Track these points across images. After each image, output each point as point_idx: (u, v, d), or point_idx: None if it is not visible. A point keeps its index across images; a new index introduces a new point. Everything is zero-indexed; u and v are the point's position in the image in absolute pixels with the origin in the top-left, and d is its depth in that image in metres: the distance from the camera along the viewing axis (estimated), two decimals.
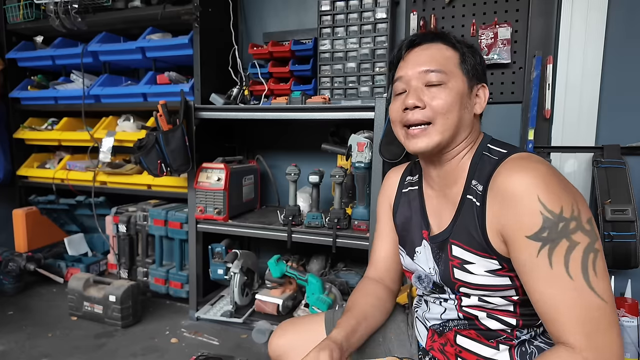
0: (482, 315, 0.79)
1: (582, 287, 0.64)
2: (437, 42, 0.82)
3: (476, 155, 0.81)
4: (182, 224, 2.06)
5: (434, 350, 0.87)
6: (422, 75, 0.80)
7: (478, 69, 0.83)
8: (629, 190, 1.58)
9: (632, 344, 1.50)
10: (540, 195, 0.67)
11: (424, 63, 0.80)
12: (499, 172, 0.74)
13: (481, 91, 0.84)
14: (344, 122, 1.87)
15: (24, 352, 1.70)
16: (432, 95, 0.79)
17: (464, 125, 0.81)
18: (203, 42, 1.95)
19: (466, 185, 0.80)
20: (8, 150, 2.48)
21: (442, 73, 0.79)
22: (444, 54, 0.81)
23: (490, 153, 0.80)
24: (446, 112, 0.78)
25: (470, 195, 0.78)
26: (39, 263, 2.28)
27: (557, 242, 0.66)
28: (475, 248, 0.76)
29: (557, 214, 0.66)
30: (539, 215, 0.67)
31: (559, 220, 0.66)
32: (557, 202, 0.67)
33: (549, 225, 0.66)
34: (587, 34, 1.70)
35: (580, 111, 1.73)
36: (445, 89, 0.78)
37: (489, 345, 0.79)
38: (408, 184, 0.97)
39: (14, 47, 2.44)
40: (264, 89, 2.00)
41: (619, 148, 1.65)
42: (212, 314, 1.96)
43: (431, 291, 0.88)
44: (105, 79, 2.26)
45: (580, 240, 0.65)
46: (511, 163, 0.74)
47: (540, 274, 0.67)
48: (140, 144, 1.80)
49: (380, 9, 1.85)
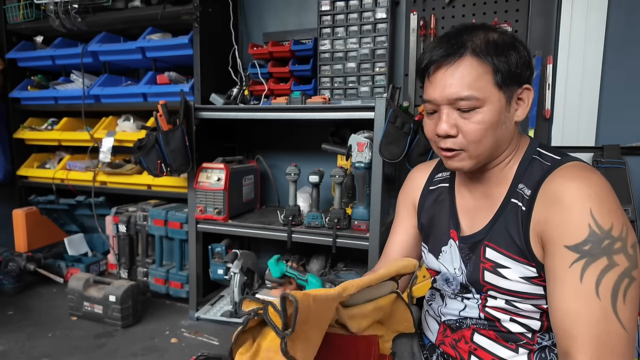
0: (504, 318, 0.77)
1: (606, 310, 0.62)
2: (464, 55, 0.72)
3: (524, 159, 0.78)
4: (182, 224, 2.06)
5: (445, 345, 0.86)
6: (452, 102, 0.73)
7: (517, 72, 0.73)
8: (628, 190, 1.58)
9: None
10: (593, 208, 0.65)
11: (453, 88, 0.72)
12: (553, 178, 0.71)
13: (525, 94, 0.76)
14: (344, 122, 1.88)
15: (24, 352, 1.70)
16: (466, 121, 0.73)
17: (502, 142, 0.76)
18: (203, 42, 1.95)
19: (511, 188, 0.78)
20: (8, 150, 2.48)
21: (474, 100, 0.71)
22: (474, 73, 0.71)
23: (542, 158, 0.77)
24: (480, 139, 0.73)
25: (515, 199, 0.76)
26: (39, 263, 2.28)
27: (595, 258, 0.64)
28: (514, 253, 0.74)
29: (605, 230, 0.64)
30: (586, 228, 0.65)
31: (605, 237, 0.64)
32: (608, 218, 0.65)
33: (593, 239, 0.64)
34: (587, 34, 1.70)
35: (580, 111, 1.73)
36: (479, 113, 0.72)
37: (507, 347, 0.78)
38: (438, 181, 0.94)
39: (14, 47, 2.44)
40: (264, 89, 2.00)
41: (619, 148, 1.65)
42: (212, 314, 1.96)
43: (457, 293, 0.85)
44: (105, 79, 2.26)
45: (620, 262, 0.63)
46: (566, 171, 0.71)
47: (568, 285, 0.65)
48: (140, 144, 1.80)
49: (380, 9, 1.85)
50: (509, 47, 0.73)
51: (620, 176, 1.61)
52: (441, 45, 0.74)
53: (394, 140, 1.53)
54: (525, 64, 0.74)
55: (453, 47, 0.73)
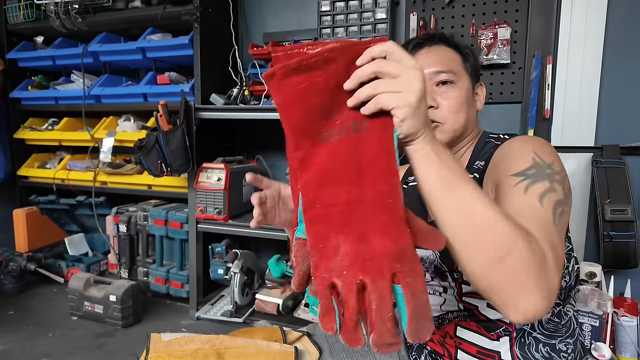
0: (482, 305, 0.79)
1: (548, 217, 0.62)
2: (440, 44, 0.87)
3: (479, 143, 0.87)
4: (182, 224, 2.06)
5: (433, 343, 0.87)
6: (432, 76, 0.83)
7: (476, 69, 0.89)
8: (628, 190, 1.59)
9: (631, 343, 1.51)
10: (536, 148, 0.72)
11: (434, 64, 0.84)
12: (502, 146, 0.79)
13: (479, 89, 0.91)
14: None
15: (25, 352, 1.70)
16: (444, 95, 0.83)
17: (469, 124, 0.86)
18: (203, 42, 1.96)
19: (468, 167, 0.84)
20: (8, 150, 2.48)
21: (451, 73, 0.83)
22: (450, 56, 0.86)
23: (494, 139, 0.85)
24: (457, 110, 0.83)
25: (472, 174, 0.81)
26: (40, 263, 2.29)
27: (539, 180, 0.66)
28: None
29: (548, 163, 0.69)
30: (530, 159, 0.69)
31: (547, 168, 0.68)
32: (549, 157, 0.70)
33: (537, 167, 0.68)
34: (587, 34, 1.70)
35: (580, 111, 1.73)
36: (455, 88, 0.83)
37: (489, 338, 0.79)
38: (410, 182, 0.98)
39: (14, 47, 2.44)
40: (264, 89, 2.00)
41: (619, 148, 1.65)
42: (212, 314, 1.96)
43: (432, 277, 0.87)
44: (106, 79, 2.27)
45: (559, 191, 0.66)
46: (513, 138, 0.80)
47: (514, 197, 0.65)
48: (140, 144, 1.80)
49: (380, 10, 1.86)
50: (472, 50, 0.91)
51: (619, 176, 1.61)
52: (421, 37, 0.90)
53: None
54: (478, 67, 0.91)
55: (429, 37, 0.89)
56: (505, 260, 0.52)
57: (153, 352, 0.76)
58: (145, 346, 0.79)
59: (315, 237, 0.51)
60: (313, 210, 0.52)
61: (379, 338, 0.45)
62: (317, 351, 0.89)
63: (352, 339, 0.46)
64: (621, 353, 1.53)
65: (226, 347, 0.80)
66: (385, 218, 0.49)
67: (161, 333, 0.83)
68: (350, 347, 0.47)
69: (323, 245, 0.50)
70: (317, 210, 0.52)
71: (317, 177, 0.53)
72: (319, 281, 0.48)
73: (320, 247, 0.50)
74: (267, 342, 0.85)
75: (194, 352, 0.77)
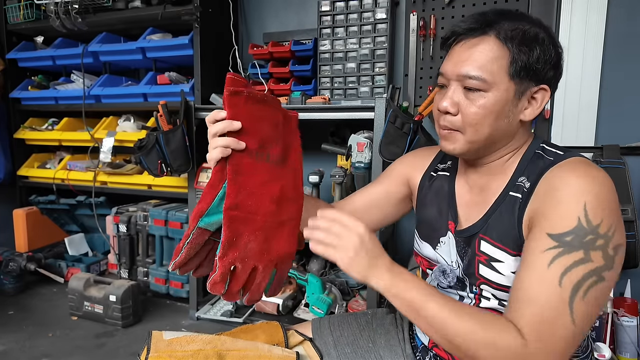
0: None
1: (563, 300, 0.61)
2: (488, 34, 0.71)
3: (527, 154, 0.77)
4: (182, 224, 2.06)
5: (438, 348, 0.86)
6: (460, 78, 0.72)
7: (537, 67, 0.71)
8: (628, 190, 1.58)
9: (631, 343, 1.51)
10: (588, 203, 0.63)
11: (465, 65, 0.71)
12: (554, 171, 0.70)
13: (539, 94, 0.74)
14: (344, 122, 1.88)
15: (24, 352, 1.70)
16: (468, 102, 0.72)
17: (500, 135, 0.74)
18: (203, 42, 1.96)
19: (511, 182, 0.76)
20: (8, 150, 2.48)
21: (481, 81, 0.70)
22: (490, 55, 0.70)
23: (545, 153, 0.75)
24: (477, 123, 0.72)
25: (514, 192, 0.74)
26: (40, 263, 2.29)
27: (571, 251, 0.62)
28: (506, 245, 0.73)
29: (593, 226, 0.62)
30: (575, 220, 0.63)
31: (590, 232, 0.62)
32: (600, 215, 0.63)
33: (577, 232, 0.62)
34: (587, 34, 1.70)
35: (580, 111, 1.73)
36: (483, 97, 0.71)
37: None
38: (440, 168, 0.93)
39: (14, 47, 2.45)
40: (264, 89, 2.01)
41: (619, 148, 1.65)
42: (212, 314, 1.96)
43: (452, 286, 0.84)
44: (106, 79, 2.27)
45: (595, 260, 0.61)
46: (568, 165, 0.70)
47: (536, 268, 0.64)
48: (140, 144, 1.80)
49: (380, 10, 1.86)
50: (536, 41, 0.72)
51: (619, 176, 1.61)
52: (469, 19, 0.74)
53: (393, 140, 1.53)
54: (550, 62, 0.73)
55: (478, 23, 0.72)
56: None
57: (154, 352, 0.76)
58: (146, 344, 0.79)
59: (231, 232, 0.67)
60: (236, 212, 0.68)
61: (252, 297, 0.72)
62: (319, 356, 0.89)
63: (232, 298, 0.70)
64: (621, 353, 1.53)
65: (227, 349, 0.80)
66: (286, 231, 0.75)
67: (162, 331, 0.83)
68: (227, 301, 0.74)
69: (236, 240, 0.68)
70: (240, 214, 0.68)
71: (247, 187, 0.69)
72: (224, 264, 0.66)
73: (234, 241, 0.67)
74: (268, 345, 0.85)
75: (196, 353, 0.77)
